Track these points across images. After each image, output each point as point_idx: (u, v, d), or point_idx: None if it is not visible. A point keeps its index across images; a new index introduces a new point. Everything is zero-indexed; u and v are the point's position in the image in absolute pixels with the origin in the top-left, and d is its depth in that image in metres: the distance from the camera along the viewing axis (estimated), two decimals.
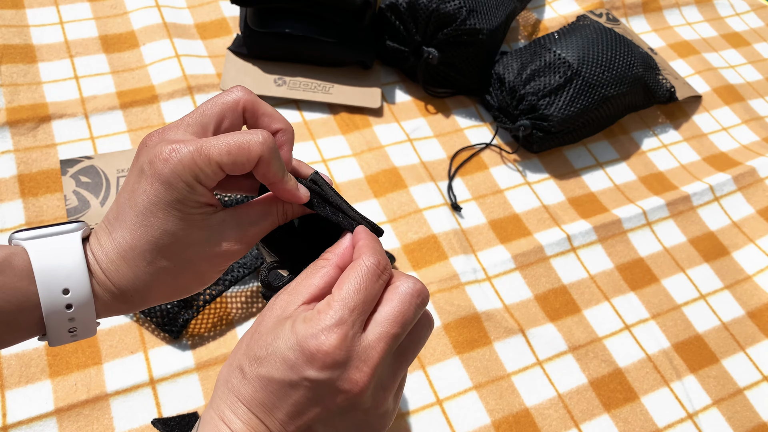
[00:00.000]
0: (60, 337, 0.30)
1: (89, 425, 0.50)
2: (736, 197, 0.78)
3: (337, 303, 0.28)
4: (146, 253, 0.30)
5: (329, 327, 0.28)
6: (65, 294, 0.28)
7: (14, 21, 0.75)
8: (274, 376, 0.28)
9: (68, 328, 0.30)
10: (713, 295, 0.69)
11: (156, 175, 0.29)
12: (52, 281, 0.28)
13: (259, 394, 0.28)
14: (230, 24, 0.82)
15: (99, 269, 0.30)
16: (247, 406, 0.29)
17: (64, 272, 0.28)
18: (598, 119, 0.77)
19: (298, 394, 0.28)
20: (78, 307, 0.29)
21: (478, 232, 0.68)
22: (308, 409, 0.28)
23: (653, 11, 1.01)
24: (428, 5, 0.72)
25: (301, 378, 0.28)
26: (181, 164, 0.29)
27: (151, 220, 0.29)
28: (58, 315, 0.29)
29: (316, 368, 0.28)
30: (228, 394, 0.29)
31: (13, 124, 0.66)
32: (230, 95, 0.32)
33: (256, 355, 0.29)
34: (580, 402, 0.58)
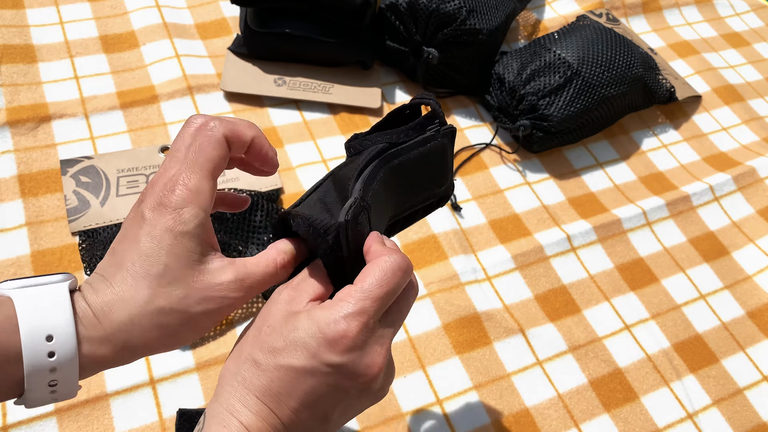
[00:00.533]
0: (38, 393, 0.28)
1: (89, 425, 0.50)
2: (736, 197, 0.78)
3: (360, 293, 0.29)
4: (144, 290, 0.29)
5: (351, 314, 0.29)
6: (48, 340, 0.27)
7: (14, 21, 0.75)
8: (294, 364, 0.29)
9: (49, 381, 0.28)
10: (713, 295, 0.69)
11: (161, 214, 0.30)
12: (36, 326, 0.27)
13: (274, 384, 0.29)
14: (230, 24, 0.82)
15: (90, 313, 0.29)
16: (258, 398, 0.29)
17: (49, 318, 0.27)
18: (598, 119, 0.77)
19: (316, 380, 0.29)
20: (61, 355, 0.27)
21: (478, 232, 0.68)
22: (324, 394, 0.29)
23: (653, 11, 1.01)
24: (428, 5, 0.72)
25: (321, 363, 0.28)
26: (181, 195, 0.30)
27: (156, 257, 0.29)
28: (40, 364, 0.27)
29: (337, 352, 0.28)
30: (238, 387, 0.29)
31: (13, 124, 0.66)
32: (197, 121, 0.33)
33: (271, 347, 0.29)
34: (580, 402, 0.58)
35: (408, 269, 0.31)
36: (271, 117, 0.73)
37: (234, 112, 0.73)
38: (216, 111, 0.72)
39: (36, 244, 0.58)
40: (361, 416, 0.54)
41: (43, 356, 0.27)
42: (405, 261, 0.31)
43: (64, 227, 0.60)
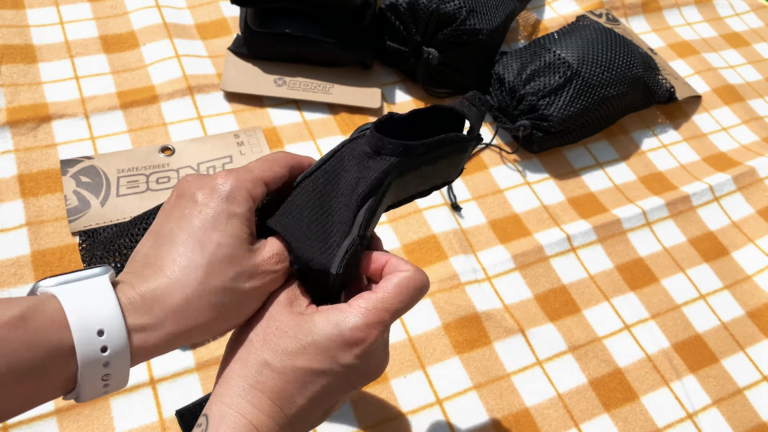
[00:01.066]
0: (93, 387, 0.28)
1: (89, 425, 0.50)
2: (736, 197, 0.78)
3: (381, 304, 0.31)
4: (199, 271, 0.29)
5: (372, 323, 0.30)
6: (100, 335, 0.27)
7: (14, 21, 0.75)
8: (313, 366, 0.30)
9: (102, 375, 0.28)
10: (713, 295, 0.69)
11: (215, 195, 0.31)
12: (87, 322, 0.27)
13: (288, 386, 0.30)
14: (230, 24, 0.82)
15: (140, 300, 0.29)
16: (269, 398, 0.30)
17: (98, 313, 0.27)
18: (598, 119, 0.77)
19: (327, 379, 0.30)
20: (113, 349, 0.27)
21: (477, 232, 0.69)
22: (332, 390, 0.31)
23: (653, 11, 1.01)
24: (428, 5, 0.72)
25: (336, 364, 0.30)
26: (237, 182, 0.32)
27: (206, 237, 0.30)
28: (94, 359, 0.27)
29: (354, 356, 0.30)
30: (247, 388, 0.30)
31: (14, 124, 0.66)
32: None
33: (286, 350, 0.30)
34: (580, 402, 0.58)
35: (426, 288, 0.33)
36: (271, 117, 0.73)
37: (234, 112, 0.73)
38: (216, 111, 0.72)
39: (36, 244, 0.58)
40: (361, 416, 0.54)
41: (96, 351, 0.27)
42: (427, 280, 0.33)
43: (65, 227, 0.60)
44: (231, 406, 0.29)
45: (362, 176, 0.35)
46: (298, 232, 0.33)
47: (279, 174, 0.34)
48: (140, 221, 0.56)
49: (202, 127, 0.71)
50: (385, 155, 0.35)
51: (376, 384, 0.56)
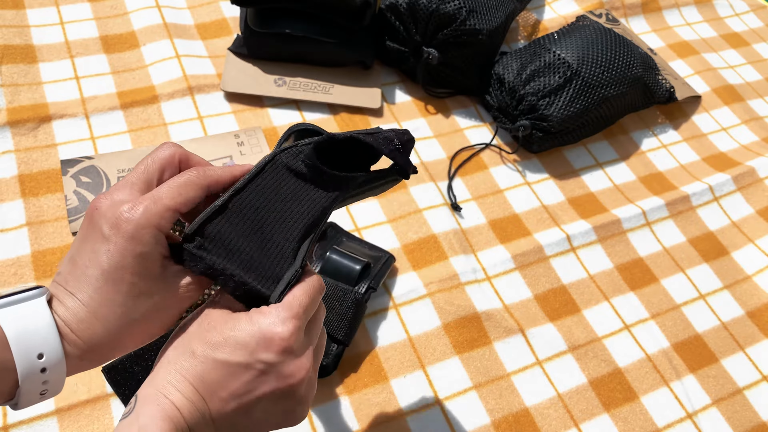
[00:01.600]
0: (30, 399, 0.31)
1: (90, 425, 0.50)
2: (736, 197, 0.78)
3: (293, 301, 0.33)
4: (117, 308, 0.31)
5: (287, 318, 0.32)
6: (40, 358, 0.29)
7: (15, 21, 0.75)
8: (230, 359, 0.31)
9: (40, 391, 0.31)
10: (713, 295, 0.69)
11: (120, 234, 0.31)
12: (27, 347, 0.29)
13: (207, 374, 0.31)
14: (230, 24, 0.82)
15: (68, 330, 0.31)
16: (192, 384, 0.31)
17: (37, 337, 0.30)
18: (598, 119, 0.77)
19: (249, 375, 0.31)
20: (51, 369, 0.30)
21: (477, 232, 0.69)
22: (254, 389, 0.31)
23: (653, 11, 1.01)
24: (428, 5, 0.72)
25: (256, 360, 0.31)
26: (143, 218, 0.31)
27: (118, 276, 0.31)
28: (33, 378, 0.30)
29: (272, 351, 0.31)
30: (174, 373, 0.31)
31: (14, 124, 0.66)
32: (165, 151, 0.35)
33: (211, 341, 0.31)
34: (580, 402, 0.58)
35: (322, 288, 0.36)
36: (271, 117, 0.74)
37: (234, 112, 0.73)
38: (216, 111, 0.72)
39: (36, 244, 0.58)
40: (361, 416, 0.54)
41: (36, 371, 0.30)
42: (321, 279, 0.36)
43: (65, 227, 0.60)
44: (157, 387, 0.31)
45: (306, 209, 0.36)
46: (238, 260, 0.33)
47: (192, 198, 0.33)
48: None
49: (202, 127, 0.71)
50: (323, 188, 0.37)
51: (376, 384, 0.56)
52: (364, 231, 0.66)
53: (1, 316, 0.29)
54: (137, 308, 0.32)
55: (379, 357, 0.57)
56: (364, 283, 0.57)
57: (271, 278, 0.34)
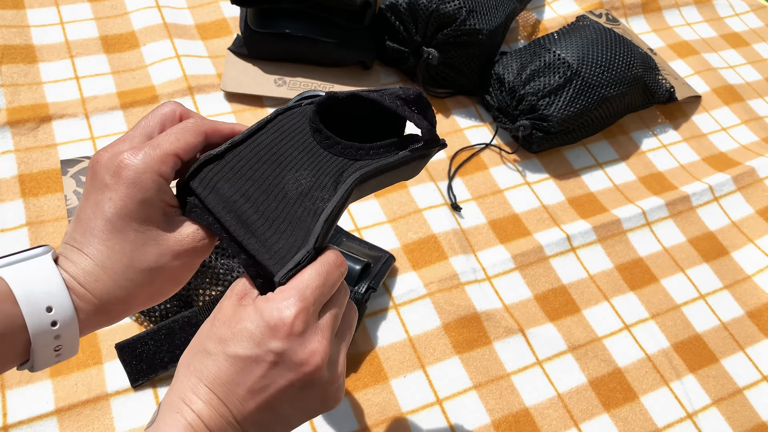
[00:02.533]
0: (46, 359, 0.30)
1: (90, 425, 0.50)
2: (736, 197, 0.78)
3: (299, 283, 0.31)
4: (123, 258, 0.31)
5: (290, 301, 0.30)
6: (49, 311, 0.29)
7: (15, 21, 0.75)
8: (239, 352, 0.30)
9: (54, 347, 0.30)
10: (713, 295, 0.69)
11: (121, 181, 0.30)
12: (35, 301, 0.29)
13: (222, 373, 0.30)
14: (230, 24, 0.82)
15: (77, 284, 0.30)
16: (208, 386, 0.30)
17: (45, 291, 0.29)
18: (598, 119, 0.77)
19: (262, 368, 0.30)
20: (63, 323, 0.29)
21: (477, 232, 0.69)
22: (271, 382, 0.30)
23: (653, 11, 1.01)
24: (428, 6, 0.72)
25: (265, 351, 0.30)
26: (142, 164, 0.31)
27: (123, 224, 0.30)
28: (45, 333, 0.29)
29: (278, 338, 0.30)
30: (189, 377, 0.30)
31: (14, 124, 0.66)
32: (166, 107, 0.34)
33: (220, 336, 0.30)
34: (580, 402, 0.58)
35: (342, 263, 0.33)
36: None
37: (234, 113, 0.73)
38: (216, 111, 0.72)
39: (36, 243, 0.58)
40: (361, 416, 0.54)
41: (46, 325, 0.29)
42: (339, 255, 0.33)
43: (65, 227, 0.60)
44: (177, 393, 0.30)
45: (319, 182, 0.33)
46: (245, 226, 0.31)
47: (191, 143, 0.32)
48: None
49: None
50: (337, 162, 0.34)
51: (376, 384, 0.56)
52: (364, 231, 0.66)
53: (7, 273, 0.29)
54: (144, 258, 0.31)
55: (379, 357, 0.57)
56: (364, 283, 0.57)
57: (279, 255, 0.31)
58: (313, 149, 0.34)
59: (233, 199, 0.32)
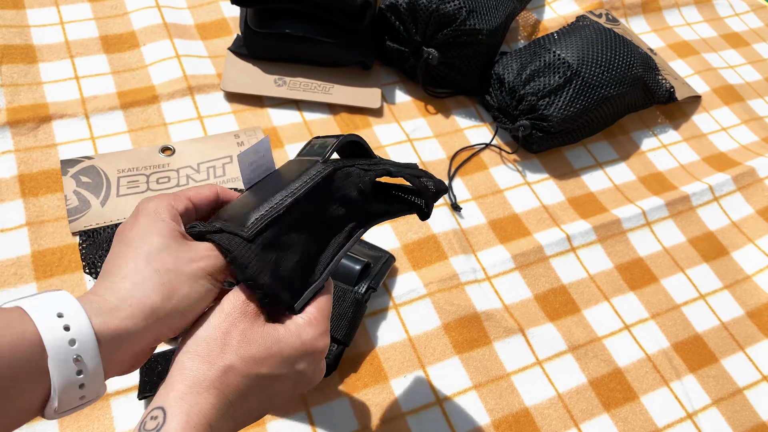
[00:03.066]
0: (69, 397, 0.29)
1: (90, 425, 0.50)
2: (736, 197, 0.78)
3: (324, 312, 0.36)
4: (140, 259, 0.32)
5: (324, 331, 0.36)
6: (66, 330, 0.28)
7: (15, 21, 0.75)
8: (274, 372, 0.33)
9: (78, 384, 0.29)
10: (713, 295, 0.69)
11: (143, 212, 0.35)
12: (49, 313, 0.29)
13: (249, 389, 0.33)
14: (230, 24, 0.82)
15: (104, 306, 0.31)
16: (228, 398, 0.32)
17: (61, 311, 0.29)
18: (598, 119, 0.77)
19: (282, 383, 0.34)
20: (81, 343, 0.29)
21: (477, 232, 0.69)
22: (282, 393, 0.35)
23: (653, 11, 1.01)
24: (428, 6, 0.72)
25: (293, 370, 0.34)
26: (159, 200, 0.36)
27: (143, 235, 0.34)
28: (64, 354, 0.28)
29: (307, 361, 0.35)
30: (210, 389, 0.31)
31: (14, 124, 0.66)
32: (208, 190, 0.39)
33: (253, 357, 0.33)
34: (580, 402, 0.58)
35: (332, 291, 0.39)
36: (271, 117, 0.74)
37: (234, 113, 0.73)
38: (216, 111, 0.72)
39: (36, 244, 0.58)
40: (361, 416, 0.54)
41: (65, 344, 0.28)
42: (331, 282, 0.39)
43: (65, 227, 0.60)
44: (190, 403, 0.30)
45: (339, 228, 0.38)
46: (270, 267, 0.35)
47: (204, 195, 0.38)
48: None
49: (202, 127, 0.71)
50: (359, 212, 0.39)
51: (376, 384, 0.56)
52: None
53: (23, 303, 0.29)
54: (161, 261, 0.32)
55: (379, 357, 0.57)
56: (364, 283, 0.57)
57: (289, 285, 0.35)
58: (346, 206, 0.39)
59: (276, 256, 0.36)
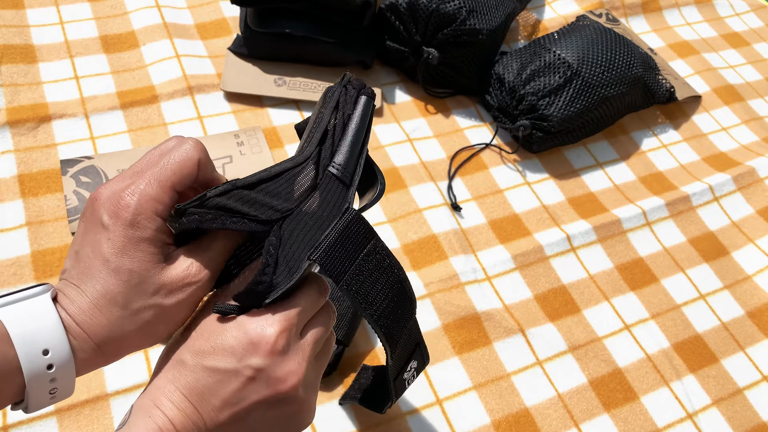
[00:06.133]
0: (40, 400, 0.30)
1: (89, 425, 0.50)
2: (736, 197, 0.78)
3: (287, 303, 0.32)
4: (118, 297, 0.31)
5: (275, 320, 0.31)
6: (45, 354, 0.29)
7: (14, 21, 0.75)
8: (219, 366, 0.31)
9: (49, 390, 0.30)
10: (713, 295, 0.69)
11: (119, 222, 0.31)
12: (32, 343, 0.28)
13: (199, 383, 0.31)
14: (230, 24, 0.82)
15: (74, 323, 0.30)
16: (184, 394, 0.31)
17: (42, 333, 0.29)
18: (598, 119, 0.77)
19: (239, 382, 0.31)
20: (59, 366, 0.29)
21: (477, 232, 0.69)
22: (246, 396, 0.31)
23: (653, 11, 1.01)
24: (428, 5, 0.72)
25: (244, 366, 0.30)
26: (140, 203, 0.31)
27: (120, 262, 0.31)
28: (40, 376, 0.29)
29: (259, 355, 0.30)
30: (166, 383, 0.31)
31: (14, 124, 0.66)
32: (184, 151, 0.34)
33: (199, 349, 0.31)
34: (580, 402, 0.58)
35: (325, 289, 0.35)
36: (271, 117, 0.73)
37: (234, 113, 0.73)
38: (216, 111, 0.72)
39: (36, 244, 0.58)
40: (361, 416, 0.54)
41: (42, 368, 0.29)
42: (324, 283, 0.35)
43: (65, 227, 0.60)
44: (150, 397, 0.31)
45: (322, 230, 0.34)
46: None
47: (188, 174, 0.32)
48: None
49: (202, 127, 0.71)
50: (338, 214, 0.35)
51: None
52: None
53: (5, 313, 0.29)
54: (138, 297, 0.31)
55: (379, 357, 0.57)
56: None
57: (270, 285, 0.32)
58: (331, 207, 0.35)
59: None
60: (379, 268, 0.35)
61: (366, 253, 0.34)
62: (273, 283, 0.32)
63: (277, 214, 0.33)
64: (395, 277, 0.36)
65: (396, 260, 0.36)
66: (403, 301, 0.37)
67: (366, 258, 0.34)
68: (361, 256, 0.34)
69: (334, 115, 0.36)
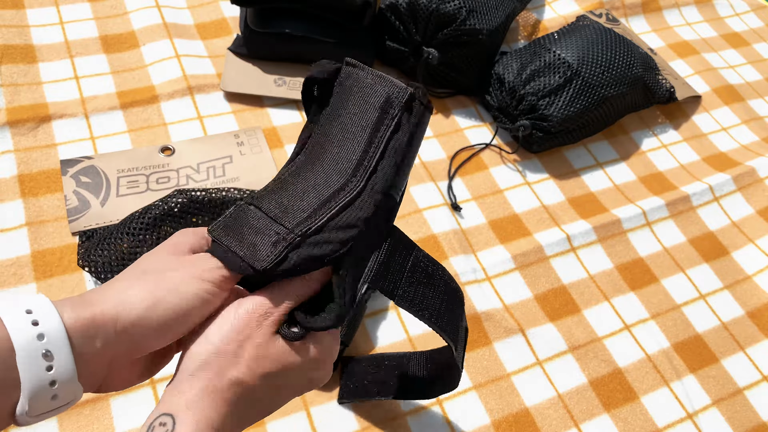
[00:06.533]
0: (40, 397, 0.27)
1: (89, 425, 0.50)
2: (736, 197, 0.78)
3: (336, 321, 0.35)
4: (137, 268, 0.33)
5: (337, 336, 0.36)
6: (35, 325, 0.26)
7: (14, 21, 0.75)
8: (289, 383, 0.33)
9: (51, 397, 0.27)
10: (713, 295, 0.69)
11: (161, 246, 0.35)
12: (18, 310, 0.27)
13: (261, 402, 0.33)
14: (230, 24, 0.82)
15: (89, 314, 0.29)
16: (235, 409, 0.31)
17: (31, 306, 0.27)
18: (598, 119, 0.77)
19: (292, 391, 0.34)
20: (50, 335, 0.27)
21: (477, 232, 0.69)
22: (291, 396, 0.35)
23: (653, 11, 1.01)
24: (428, 5, 0.72)
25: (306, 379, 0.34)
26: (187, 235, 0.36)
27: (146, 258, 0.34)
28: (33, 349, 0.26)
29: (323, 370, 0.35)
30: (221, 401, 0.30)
31: (14, 124, 0.66)
32: None
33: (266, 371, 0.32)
34: (580, 402, 0.58)
35: None
36: (271, 117, 0.73)
37: (234, 112, 0.73)
38: (216, 111, 0.72)
39: (36, 244, 0.58)
40: (362, 416, 0.54)
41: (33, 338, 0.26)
42: None
43: (65, 227, 0.60)
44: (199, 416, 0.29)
45: None
46: None
47: None
48: (137, 217, 0.56)
49: (202, 127, 0.71)
50: None
51: None
52: None
53: None
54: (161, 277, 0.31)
55: None
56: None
57: None
58: None
59: None
60: (425, 276, 0.37)
61: (411, 266, 0.37)
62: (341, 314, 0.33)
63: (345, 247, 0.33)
64: (440, 279, 0.38)
65: (438, 263, 0.39)
66: (452, 298, 0.39)
67: (412, 269, 0.37)
68: (408, 268, 0.37)
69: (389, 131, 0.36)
